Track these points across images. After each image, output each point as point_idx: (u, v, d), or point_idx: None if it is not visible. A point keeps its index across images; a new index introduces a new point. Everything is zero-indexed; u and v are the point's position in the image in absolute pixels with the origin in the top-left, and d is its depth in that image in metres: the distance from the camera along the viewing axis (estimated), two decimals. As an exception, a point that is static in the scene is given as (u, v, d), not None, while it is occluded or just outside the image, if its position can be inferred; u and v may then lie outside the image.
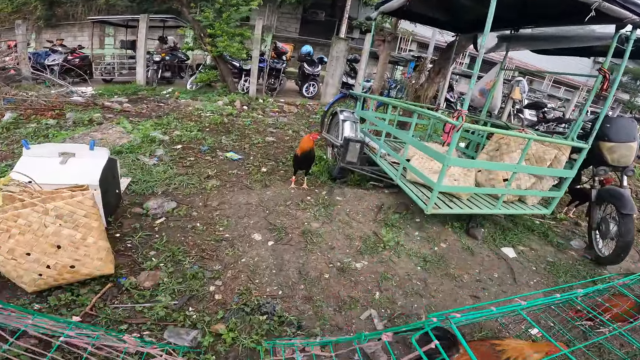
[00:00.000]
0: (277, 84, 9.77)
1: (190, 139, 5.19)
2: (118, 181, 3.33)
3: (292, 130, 6.50)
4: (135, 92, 8.27)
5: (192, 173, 4.12)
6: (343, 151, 4.02)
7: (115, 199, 3.26)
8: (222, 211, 3.49)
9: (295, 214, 3.60)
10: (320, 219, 3.56)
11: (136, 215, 3.29)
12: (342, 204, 3.93)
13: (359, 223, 3.63)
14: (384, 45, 6.17)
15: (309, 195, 4.02)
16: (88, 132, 4.71)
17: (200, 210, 3.46)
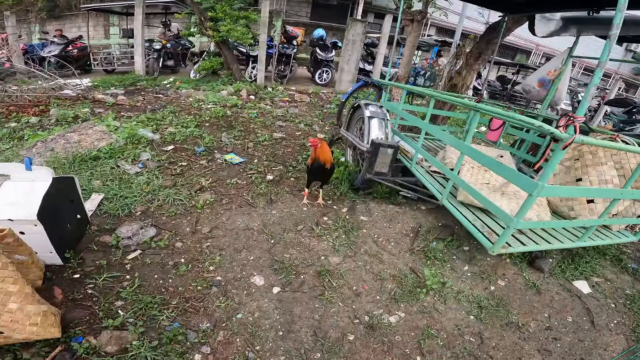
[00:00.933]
0: (287, 71, 8.75)
1: (185, 137, 4.31)
2: (79, 204, 2.50)
3: (304, 123, 5.54)
4: (133, 83, 7.41)
5: (182, 184, 3.26)
6: (369, 158, 3.06)
7: (75, 228, 2.44)
8: (214, 240, 2.62)
9: (308, 243, 2.71)
10: (341, 251, 2.67)
11: (104, 246, 2.47)
12: (368, 226, 3.01)
13: (390, 255, 2.72)
14: (412, 25, 5.08)
15: (325, 213, 3.11)
16: (64, 134, 3.89)
17: (186, 239, 2.60)
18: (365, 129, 3.26)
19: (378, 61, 8.42)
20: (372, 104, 3.49)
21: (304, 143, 4.63)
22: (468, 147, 2.34)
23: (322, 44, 9.38)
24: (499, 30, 4.30)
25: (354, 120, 3.88)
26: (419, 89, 3.50)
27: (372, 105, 3.44)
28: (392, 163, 3.07)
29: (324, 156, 2.92)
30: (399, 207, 3.30)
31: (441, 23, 15.36)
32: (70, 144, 3.63)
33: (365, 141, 3.23)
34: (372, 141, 3.06)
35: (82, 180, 3.12)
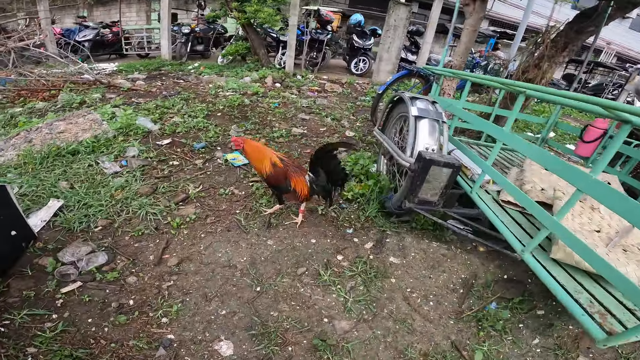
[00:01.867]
0: (319, 58, 7.80)
1: (188, 128, 3.59)
2: (16, 218, 1.86)
3: (331, 117, 4.61)
4: (157, 68, 6.89)
5: (164, 191, 2.51)
6: (413, 178, 2.09)
7: (8, 247, 1.80)
8: (180, 279, 1.84)
9: (309, 296, 1.85)
10: (354, 311, 1.79)
11: (40, 271, 1.80)
12: (399, 273, 2.08)
13: (426, 321, 1.80)
14: (474, 5, 3.90)
15: (342, 250, 2.21)
16: (52, 122, 3.32)
17: (144, 273, 1.85)
18: (410, 135, 2.24)
19: (423, 51, 7.18)
20: (421, 98, 2.44)
21: (328, 142, 3.73)
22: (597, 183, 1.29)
23: (360, 31, 8.29)
24: (598, 18, 3.09)
25: (393, 119, 2.88)
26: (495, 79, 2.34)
27: (421, 100, 2.39)
28: (447, 189, 2.08)
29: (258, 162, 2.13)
30: (447, 247, 2.31)
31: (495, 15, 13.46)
32: (52, 135, 3.03)
33: (409, 152, 2.21)
34: (419, 154, 2.04)
35: (49, 180, 2.49)
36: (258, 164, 2.15)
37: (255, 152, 2.15)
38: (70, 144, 2.92)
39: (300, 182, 2.15)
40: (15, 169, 2.66)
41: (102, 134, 3.12)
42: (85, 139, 2.98)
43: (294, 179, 2.14)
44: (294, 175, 2.15)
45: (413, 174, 2.08)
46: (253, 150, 2.16)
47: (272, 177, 2.14)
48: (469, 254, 2.31)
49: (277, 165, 2.13)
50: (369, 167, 3.04)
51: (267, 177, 2.14)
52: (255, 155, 2.15)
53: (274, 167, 2.12)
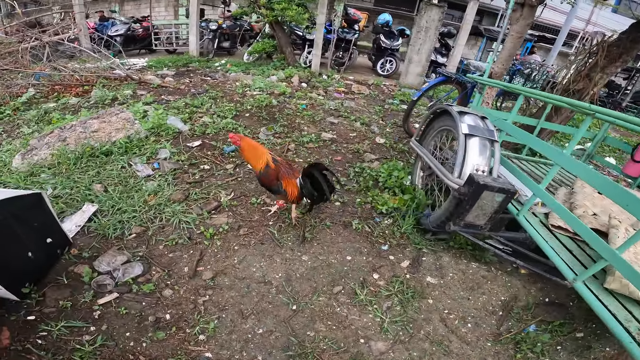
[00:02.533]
0: (346, 58, 7.61)
1: (217, 129, 3.51)
2: (51, 225, 1.81)
3: (360, 121, 4.45)
4: (185, 64, 6.86)
5: (196, 197, 2.44)
6: (460, 201, 1.94)
7: (43, 255, 1.77)
8: (215, 293, 1.77)
9: (346, 316, 1.76)
10: (390, 332, 1.72)
11: (76, 280, 1.76)
12: (436, 294, 1.98)
13: (463, 343, 1.72)
14: (521, 11, 3.66)
15: (377, 268, 2.09)
16: (85, 120, 3.31)
17: (179, 286, 1.78)
18: (459, 154, 2.06)
19: (455, 53, 6.87)
20: (470, 112, 2.25)
21: (358, 149, 3.58)
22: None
23: (388, 31, 8.02)
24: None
25: (433, 131, 2.69)
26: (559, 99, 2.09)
27: (469, 115, 2.20)
28: (497, 214, 1.92)
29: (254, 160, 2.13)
30: (487, 269, 2.18)
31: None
32: (86, 134, 3.01)
33: (457, 173, 2.05)
34: (470, 178, 1.88)
35: (83, 182, 2.46)
36: (253, 162, 2.13)
37: (252, 150, 2.12)
38: (103, 144, 2.89)
39: (291, 184, 2.11)
40: (49, 168, 2.64)
41: (135, 134, 3.08)
42: (119, 140, 2.95)
43: (285, 181, 2.10)
44: (286, 177, 2.11)
45: (462, 197, 1.93)
46: (249, 148, 2.12)
47: (264, 177, 2.11)
48: (509, 276, 2.18)
49: (269, 166, 2.09)
50: (403, 179, 2.89)
51: (260, 176, 2.13)
52: (251, 153, 2.12)
53: (267, 168, 2.09)
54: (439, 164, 2.29)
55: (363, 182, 2.92)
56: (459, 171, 2.06)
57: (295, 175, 2.13)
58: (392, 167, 3.05)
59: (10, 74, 5.01)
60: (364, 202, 2.68)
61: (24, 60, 5.40)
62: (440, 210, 2.26)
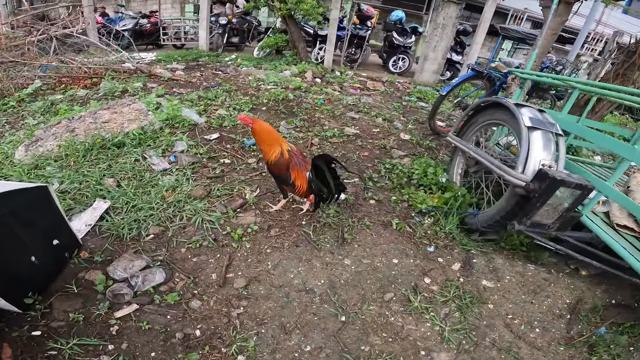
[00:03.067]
0: (358, 55, 7.34)
1: (235, 122, 3.25)
2: (59, 225, 1.55)
3: (381, 117, 4.18)
4: (195, 59, 6.61)
5: (218, 194, 2.18)
6: (526, 200, 1.70)
7: (49, 260, 1.51)
8: (250, 304, 1.51)
9: (401, 325, 1.54)
10: (452, 341, 1.52)
11: (88, 288, 1.49)
12: (495, 298, 1.77)
13: (533, 348, 1.54)
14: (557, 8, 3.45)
15: (427, 271, 1.84)
16: (96, 111, 3.05)
17: (208, 296, 1.52)
18: (522, 149, 1.82)
19: (473, 51, 6.60)
20: (527, 105, 2.03)
21: (384, 145, 3.32)
22: None
23: (401, 28, 7.76)
24: None
25: (475, 126, 2.44)
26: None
27: (528, 108, 1.97)
28: (568, 212, 1.68)
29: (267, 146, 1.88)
30: (546, 270, 1.98)
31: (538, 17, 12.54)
32: (97, 124, 2.75)
33: (521, 169, 1.79)
34: (542, 173, 1.66)
35: (93, 176, 2.20)
36: (266, 148, 1.87)
37: (266, 135, 1.87)
38: (115, 135, 2.63)
39: (301, 176, 1.85)
40: (55, 161, 2.38)
41: (149, 125, 2.82)
42: (132, 131, 2.69)
43: (295, 172, 1.85)
44: (297, 168, 1.86)
45: (531, 194, 1.67)
46: (263, 131, 1.87)
47: (275, 166, 1.87)
48: (571, 278, 1.98)
49: (283, 155, 1.85)
50: (439, 177, 2.62)
51: (271, 165, 1.88)
52: (266, 137, 1.87)
53: (280, 157, 1.84)
54: (494, 159, 2.03)
55: (396, 179, 2.66)
56: (523, 166, 1.81)
57: (307, 167, 1.88)
58: (425, 163, 2.80)
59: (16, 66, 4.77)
60: (400, 200, 2.42)
61: (31, 53, 5.16)
62: (493, 209, 2.02)
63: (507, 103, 2.05)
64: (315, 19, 6.19)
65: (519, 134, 1.92)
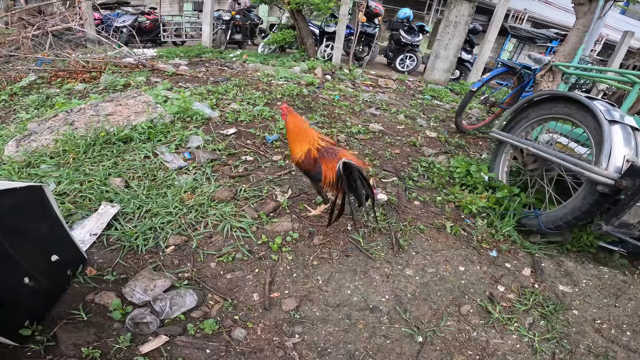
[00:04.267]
0: (366, 53, 7.07)
1: (251, 117, 2.93)
2: (58, 235, 1.21)
3: (403, 114, 3.89)
4: (198, 55, 6.26)
5: (246, 196, 1.85)
6: (624, 197, 1.45)
7: (47, 281, 1.17)
8: (306, 332, 1.19)
9: (485, 340, 1.29)
10: (545, 352, 1.29)
11: (100, 314, 1.17)
12: (577, 303, 1.56)
13: (630, 352, 1.40)
14: (589, 5, 3.27)
15: (499, 278, 1.56)
16: (97, 103, 2.70)
17: (254, 324, 1.19)
18: (606, 143, 1.57)
19: (485, 50, 6.38)
20: (597, 99, 1.80)
21: (414, 142, 3.02)
22: None
23: (408, 27, 7.53)
24: None
25: (526, 122, 2.16)
26: None
27: (600, 102, 1.74)
28: None
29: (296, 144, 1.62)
30: (622, 272, 1.76)
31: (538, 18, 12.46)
32: (99, 117, 2.40)
33: (604, 163, 1.54)
34: (633, 167, 1.46)
35: (97, 175, 1.86)
36: (294, 146, 1.60)
37: (297, 133, 1.60)
38: (121, 128, 2.28)
39: (330, 166, 1.53)
40: (51, 158, 2.02)
41: (159, 118, 2.48)
42: (140, 124, 2.34)
43: (324, 163, 1.55)
44: (326, 158, 1.55)
45: (623, 192, 1.41)
46: (296, 128, 1.60)
47: (303, 164, 1.59)
48: None
49: (310, 154, 1.56)
50: (483, 175, 2.34)
51: (300, 164, 1.60)
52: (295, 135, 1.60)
53: (307, 155, 1.56)
54: (566, 155, 1.75)
55: (437, 178, 2.37)
56: (606, 162, 1.54)
57: (338, 156, 1.55)
58: (465, 161, 2.51)
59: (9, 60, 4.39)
60: (446, 201, 2.13)
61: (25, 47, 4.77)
62: (563, 209, 1.76)
63: (578, 97, 1.80)
64: (326, 13, 5.90)
65: (597, 128, 1.67)
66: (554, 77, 2.97)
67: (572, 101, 1.89)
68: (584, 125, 1.81)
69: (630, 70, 2.22)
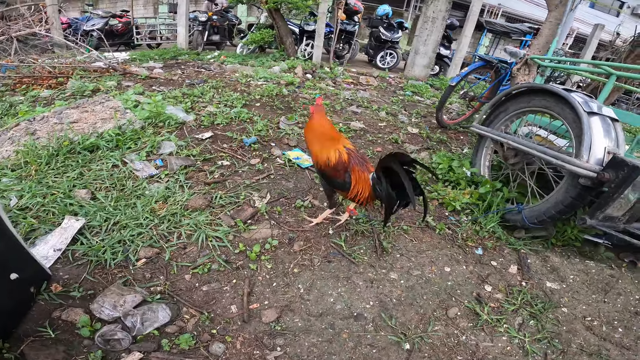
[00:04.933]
0: (347, 51, 7.05)
1: (229, 119, 2.84)
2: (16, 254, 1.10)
3: (384, 111, 3.88)
4: (174, 57, 6.07)
5: (221, 204, 1.77)
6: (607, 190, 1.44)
7: (7, 300, 1.06)
8: (288, 344, 1.13)
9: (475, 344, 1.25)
10: (537, 353, 1.27)
11: (68, 331, 1.08)
12: (565, 300, 1.55)
13: (624, 349, 1.37)
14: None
15: (485, 278, 1.54)
16: (62, 110, 2.55)
17: (232, 337, 1.12)
18: (586, 135, 1.56)
19: (462, 45, 6.46)
20: (575, 90, 1.80)
21: (396, 139, 3.00)
22: None
23: (387, 23, 7.55)
24: None
25: (505, 115, 2.16)
26: None
27: (577, 94, 1.74)
28: (638, 203, 1.45)
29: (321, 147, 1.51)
30: (608, 266, 1.76)
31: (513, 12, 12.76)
32: (63, 125, 2.26)
33: (585, 156, 1.53)
34: (617, 160, 1.43)
35: (61, 187, 1.74)
36: (319, 147, 1.49)
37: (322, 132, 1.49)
38: (86, 136, 2.15)
39: (362, 179, 1.46)
40: (12, 170, 1.89)
41: (128, 125, 2.36)
42: (107, 131, 2.22)
43: (355, 174, 1.46)
44: (357, 168, 1.47)
45: (606, 184, 1.41)
46: (322, 126, 1.48)
47: (331, 169, 1.47)
48: (633, 272, 1.76)
49: (341, 156, 1.46)
50: (465, 170, 2.33)
51: (325, 168, 1.48)
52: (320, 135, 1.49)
53: (339, 158, 1.46)
54: (547, 149, 1.75)
55: (419, 175, 2.35)
56: (587, 154, 1.54)
57: (368, 168, 1.49)
58: (447, 157, 2.50)
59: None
60: (429, 199, 2.11)
61: (-14, 54, 4.52)
62: (546, 203, 1.75)
63: (555, 89, 1.79)
64: (304, 12, 5.83)
65: (575, 120, 1.67)
66: (529, 70, 3.00)
67: (549, 94, 1.89)
68: (562, 118, 1.81)
69: (605, 62, 2.26)
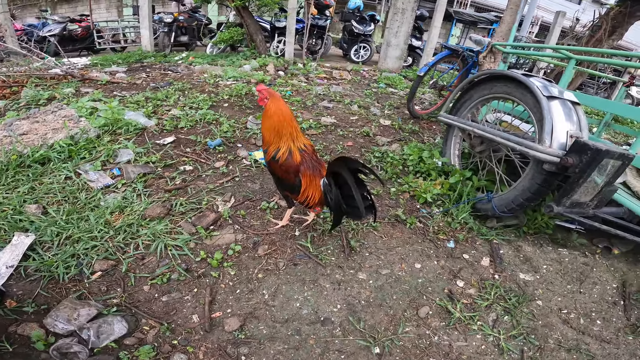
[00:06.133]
0: (320, 46, 7.00)
1: (193, 122, 2.75)
2: None
3: (356, 104, 3.87)
4: (139, 60, 5.86)
5: (181, 211, 1.70)
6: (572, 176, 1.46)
7: None
8: (253, 353, 1.10)
9: (449, 344, 1.24)
10: (513, 351, 1.27)
11: (24, 345, 1.03)
12: (540, 292, 1.55)
13: (603, 342, 1.38)
14: None
15: (457, 272, 1.54)
16: (11, 122, 2.39)
17: (195, 348, 1.09)
18: (546, 120, 1.57)
19: (432, 35, 6.53)
20: (535, 75, 1.82)
21: (367, 132, 2.99)
22: None
23: (359, 16, 7.55)
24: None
25: (470, 103, 2.18)
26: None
27: (537, 79, 1.75)
28: (607, 187, 1.47)
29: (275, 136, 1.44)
30: (582, 254, 1.78)
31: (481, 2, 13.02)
32: (12, 138, 2.12)
33: (548, 141, 1.54)
34: (579, 143, 1.43)
35: (10, 203, 1.63)
36: (271, 137, 1.42)
37: (278, 121, 1.41)
38: (36, 148, 2.03)
39: (313, 185, 1.42)
40: (-43, 189, 1.77)
41: (81, 134, 2.24)
42: (58, 142, 2.10)
43: (306, 178, 1.42)
44: (308, 173, 1.42)
45: (570, 169, 1.43)
46: (277, 115, 1.40)
47: (280, 168, 1.42)
48: (608, 259, 1.79)
49: (292, 156, 1.40)
50: (436, 160, 2.35)
51: (274, 165, 1.43)
52: (275, 124, 1.41)
53: (288, 157, 1.40)
54: (510, 135, 1.77)
55: (390, 168, 2.34)
56: (549, 138, 1.56)
57: (321, 172, 1.45)
58: (417, 148, 2.51)
59: None
60: (400, 192, 2.10)
61: None
62: (513, 191, 1.77)
63: (514, 74, 1.81)
64: (273, 8, 5.74)
65: (536, 105, 1.68)
66: (495, 57, 3.06)
67: (510, 79, 1.91)
68: (523, 103, 1.83)
69: (563, 46, 2.30)
